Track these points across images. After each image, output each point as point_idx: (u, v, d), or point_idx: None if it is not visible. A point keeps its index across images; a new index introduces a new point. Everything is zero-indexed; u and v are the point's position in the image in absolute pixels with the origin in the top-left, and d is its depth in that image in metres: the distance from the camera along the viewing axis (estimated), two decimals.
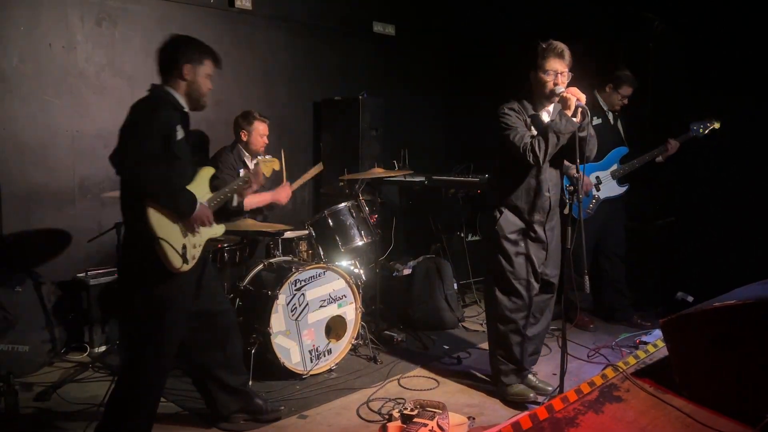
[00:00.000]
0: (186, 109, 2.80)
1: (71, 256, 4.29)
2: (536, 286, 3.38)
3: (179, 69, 2.74)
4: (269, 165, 3.42)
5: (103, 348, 4.14)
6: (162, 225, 2.61)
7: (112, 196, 4.15)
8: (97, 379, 3.71)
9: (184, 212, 2.66)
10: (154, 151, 2.57)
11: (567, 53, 3.19)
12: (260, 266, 3.88)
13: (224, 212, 3.15)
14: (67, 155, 4.28)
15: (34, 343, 3.79)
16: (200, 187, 2.87)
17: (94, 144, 4.38)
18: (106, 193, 4.24)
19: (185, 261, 2.67)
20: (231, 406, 3.11)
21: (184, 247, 2.69)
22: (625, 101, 4.59)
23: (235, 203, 3.20)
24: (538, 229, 3.33)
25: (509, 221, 3.31)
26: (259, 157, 3.43)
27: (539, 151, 3.06)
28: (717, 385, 2.34)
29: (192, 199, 2.69)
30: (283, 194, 4.25)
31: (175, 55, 2.75)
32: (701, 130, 4.46)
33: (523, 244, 3.32)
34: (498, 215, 3.33)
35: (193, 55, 2.77)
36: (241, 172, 3.87)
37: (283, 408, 3.24)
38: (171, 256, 2.60)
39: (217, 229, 2.96)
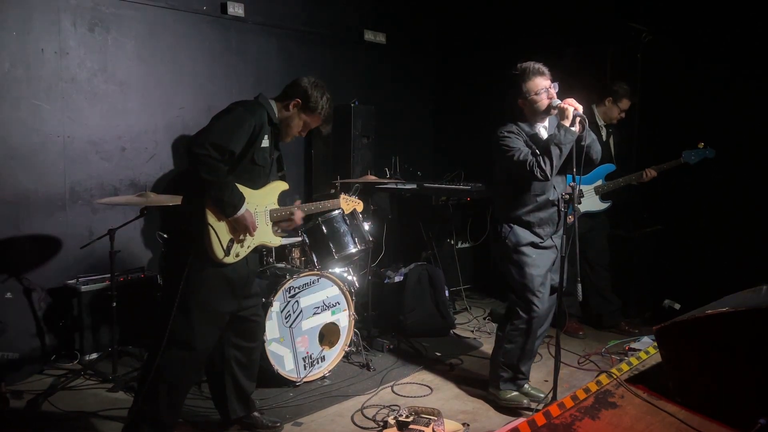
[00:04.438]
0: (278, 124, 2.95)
1: (62, 263, 4.25)
2: (547, 295, 3.42)
3: (291, 98, 2.93)
4: (350, 204, 3.57)
5: (94, 355, 4.10)
6: (216, 215, 2.76)
7: (105, 203, 4.15)
8: (88, 386, 3.69)
9: (226, 211, 2.75)
10: (230, 147, 2.70)
11: (545, 68, 3.27)
12: None
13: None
14: (58, 161, 4.25)
15: (24, 350, 3.76)
16: (267, 196, 3.00)
17: (86, 150, 4.36)
18: (98, 199, 4.22)
19: (227, 254, 2.78)
20: (237, 412, 3.12)
21: (231, 241, 2.80)
22: (623, 115, 4.64)
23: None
24: (546, 239, 3.37)
25: (518, 234, 3.34)
26: (343, 194, 3.59)
27: (545, 166, 3.10)
28: (710, 392, 2.38)
29: (238, 201, 2.77)
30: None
31: (299, 87, 2.94)
32: (693, 158, 4.46)
33: (534, 255, 3.34)
34: (508, 230, 3.36)
35: (312, 100, 2.92)
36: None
37: (279, 424, 3.22)
38: (215, 245, 2.73)
39: (273, 239, 3.07)
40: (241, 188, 2.82)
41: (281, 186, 3.09)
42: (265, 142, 2.85)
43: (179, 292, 2.71)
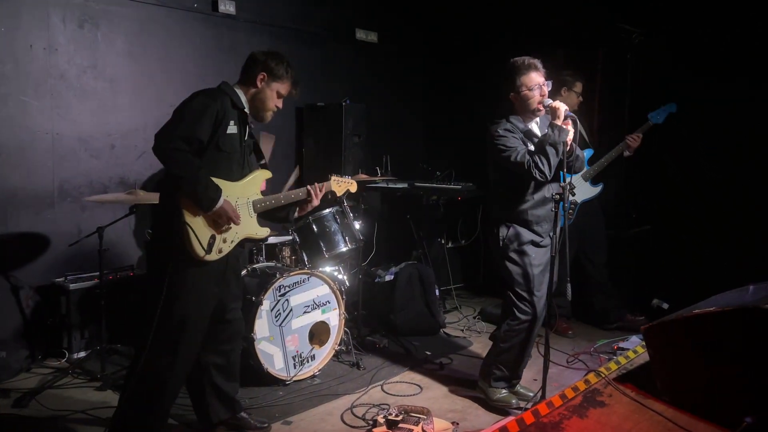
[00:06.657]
0: (246, 109, 2.86)
1: (50, 261, 4.22)
2: (545, 295, 3.40)
3: (254, 75, 2.84)
4: (343, 185, 3.35)
5: (82, 354, 4.08)
6: (192, 211, 2.67)
7: (94, 200, 4.13)
8: (76, 385, 3.66)
9: (203, 205, 2.66)
10: (197, 136, 2.63)
11: (539, 64, 3.27)
12: (243, 272, 3.87)
13: (273, 217, 3.13)
14: (46, 158, 4.22)
15: (11, 348, 3.73)
16: (248, 187, 2.91)
17: (75, 147, 4.33)
18: (87, 197, 4.19)
19: (208, 251, 2.70)
20: (220, 415, 3.06)
21: (213, 237, 2.72)
22: (581, 98, 4.68)
23: (295, 215, 3.14)
24: (545, 237, 3.36)
25: (518, 233, 3.32)
26: (333, 176, 3.35)
27: (544, 166, 3.09)
28: (697, 390, 2.40)
29: (214, 194, 2.67)
30: None
31: (258, 61, 2.86)
32: (659, 117, 4.55)
33: (532, 254, 3.33)
34: (506, 230, 3.33)
35: (275, 68, 2.86)
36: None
37: (267, 424, 3.19)
38: (194, 243, 2.64)
39: (260, 231, 2.97)
40: (218, 181, 2.72)
41: (263, 175, 2.97)
42: (232, 129, 2.75)
43: (161, 298, 2.63)
